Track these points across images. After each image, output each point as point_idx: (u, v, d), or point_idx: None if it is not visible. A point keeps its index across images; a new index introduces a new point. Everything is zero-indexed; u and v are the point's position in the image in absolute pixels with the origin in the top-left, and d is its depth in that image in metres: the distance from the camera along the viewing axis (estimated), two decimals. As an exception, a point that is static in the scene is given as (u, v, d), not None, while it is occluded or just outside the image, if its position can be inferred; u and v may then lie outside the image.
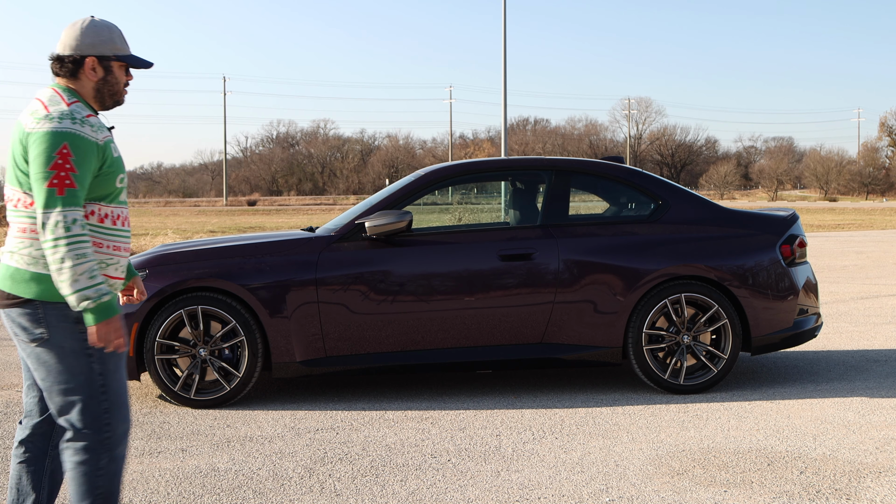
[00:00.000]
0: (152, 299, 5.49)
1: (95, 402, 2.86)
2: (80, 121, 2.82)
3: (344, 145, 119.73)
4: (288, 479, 4.17)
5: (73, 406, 2.86)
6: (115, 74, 3.01)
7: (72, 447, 2.88)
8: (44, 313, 2.84)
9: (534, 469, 4.29)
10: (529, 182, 6.47)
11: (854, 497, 3.85)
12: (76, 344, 2.85)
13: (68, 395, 2.85)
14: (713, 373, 5.77)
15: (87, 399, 2.86)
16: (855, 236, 25.19)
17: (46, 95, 2.88)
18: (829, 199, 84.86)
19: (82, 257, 2.74)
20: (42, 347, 2.85)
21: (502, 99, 28.32)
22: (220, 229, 30.73)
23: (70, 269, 2.72)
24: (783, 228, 6.08)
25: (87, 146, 2.80)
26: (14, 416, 5.40)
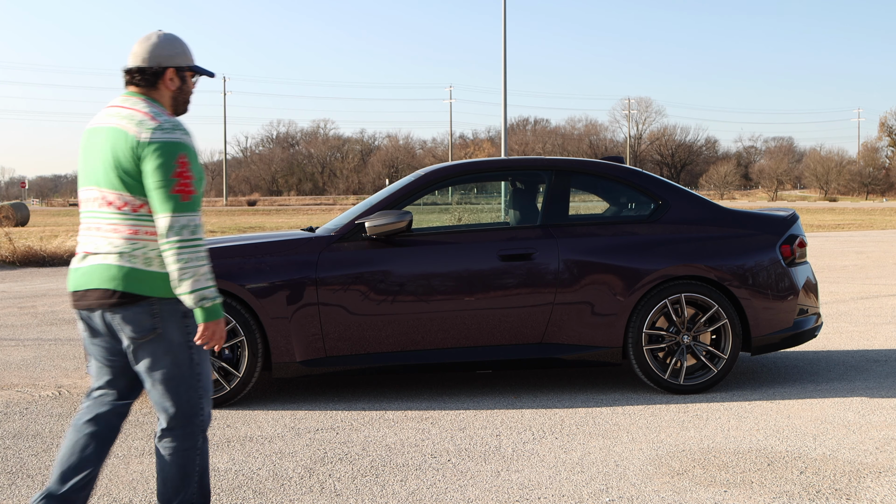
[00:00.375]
0: (152, 299, 5.48)
1: (193, 390, 3.13)
2: (184, 130, 3.09)
3: (344, 145, 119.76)
4: (288, 479, 4.17)
5: (175, 393, 3.11)
6: (188, 83, 3.27)
7: (171, 434, 3.15)
8: (158, 309, 3.06)
9: (534, 469, 4.29)
10: (529, 182, 6.47)
11: (854, 497, 3.85)
12: (182, 337, 3.10)
13: (171, 383, 3.11)
14: (713, 373, 5.77)
15: (187, 387, 3.12)
16: (855, 236, 25.19)
17: (140, 105, 3.10)
18: (829, 199, 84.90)
19: (202, 260, 3.01)
20: (153, 344, 3.08)
21: (502, 99, 28.33)
22: (220, 229, 30.73)
23: (192, 270, 2.98)
24: (783, 228, 6.08)
25: (195, 154, 3.08)
26: (14, 416, 5.40)
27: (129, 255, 3.04)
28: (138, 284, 3.03)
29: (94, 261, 3.08)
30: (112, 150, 3.04)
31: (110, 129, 3.07)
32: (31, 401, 5.82)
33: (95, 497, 3.93)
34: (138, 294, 3.03)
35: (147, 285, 3.04)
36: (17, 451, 4.66)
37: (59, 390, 6.13)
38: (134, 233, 3.05)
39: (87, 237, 3.12)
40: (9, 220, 36.94)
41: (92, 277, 3.08)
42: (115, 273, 3.03)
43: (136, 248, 3.04)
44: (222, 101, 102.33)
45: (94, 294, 3.07)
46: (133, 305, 3.04)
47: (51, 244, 18.81)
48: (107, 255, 3.06)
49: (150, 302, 3.05)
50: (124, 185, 3.03)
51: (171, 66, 3.19)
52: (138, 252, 3.05)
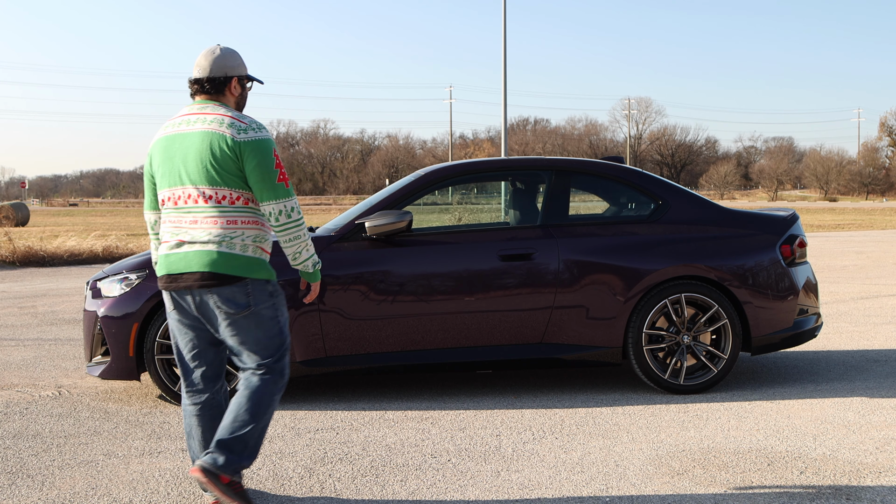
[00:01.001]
0: (152, 299, 5.49)
1: (279, 350, 3.64)
2: (266, 128, 3.57)
3: (344, 145, 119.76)
4: (288, 479, 4.17)
5: (264, 353, 3.60)
6: (245, 90, 3.75)
7: (256, 377, 3.61)
8: (252, 289, 3.54)
9: (534, 469, 4.29)
10: (529, 182, 6.47)
11: (854, 497, 3.85)
12: (270, 311, 3.60)
13: (261, 348, 3.59)
14: (713, 373, 5.77)
15: (275, 348, 3.63)
16: (855, 236, 25.19)
17: (221, 110, 3.57)
18: (829, 199, 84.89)
19: (307, 233, 3.62)
20: (247, 319, 3.55)
21: (502, 99, 28.32)
22: (220, 229, 30.71)
23: (305, 242, 3.61)
24: (783, 228, 6.07)
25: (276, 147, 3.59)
26: (14, 416, 5.40)
27: (228, 242, 3.50)
28: (235, 268, 3.49)
29: (193, 248, 3.50)
30: (209, 151, 3.47)
31: (202, 133, 3.50)
32: (31, 401, 5.82)
33: (95, 497, 3.93)
34: (235, 276, 3.49)
35: (242, 268, 3.51)
36: (17, 451, 4.66)
37: (59, 390, 6.13)
38: (233, 223, 3.51)
39: (181, 229, 3.54)
40: (9, 220, 36.93)
41: (191, 262, 3.49)
42: (215, 258, 3.48)
43: (234, 236, 3.51)
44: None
45: (193, 276, 3.50)
46: (230, 286, 3.49)
47: (51, 244, 18.81)
48: (206, 244, 3.49)
49: (245, 283, 3.52)
50: (223, 182, 3.48)
51: (234, 75, 3.66)
52: (236, 240, 3.51)
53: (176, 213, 3.56)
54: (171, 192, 3.57)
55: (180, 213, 3.55)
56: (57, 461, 4.48)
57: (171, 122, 3.63)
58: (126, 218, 48.16)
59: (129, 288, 5.57)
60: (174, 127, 3.59)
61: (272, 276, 3.62)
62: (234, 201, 3.51)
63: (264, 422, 3.62)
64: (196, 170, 3.49)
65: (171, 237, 3.56)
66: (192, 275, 3.50)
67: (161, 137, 3.62)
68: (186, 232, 3.52)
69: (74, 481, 4.16)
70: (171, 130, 3.59)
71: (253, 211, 3.56)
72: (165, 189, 3.59)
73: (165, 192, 3.59)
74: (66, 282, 14.04)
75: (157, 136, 3.67)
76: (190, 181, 3.51)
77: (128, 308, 5.51)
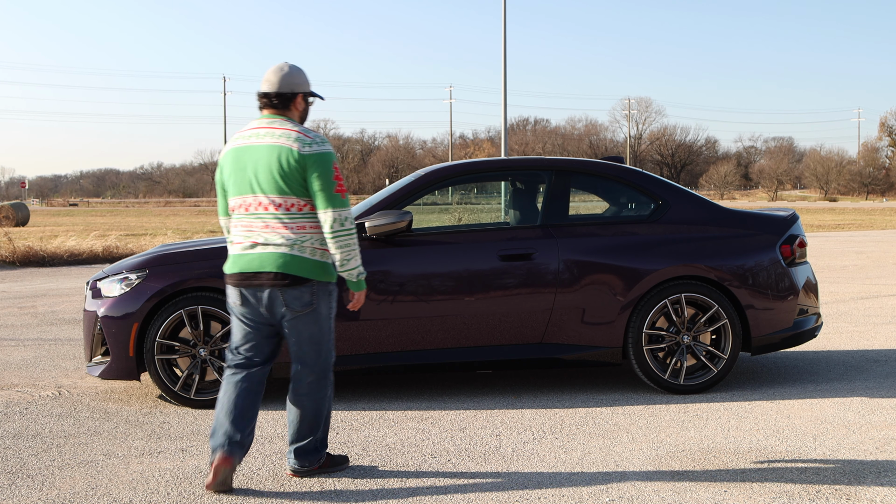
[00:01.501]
0: (152, 299, 5.49)
1: (328, 350, 4.04)
2: (328, 141, 3.92)
3: (344, 145, 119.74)
4: (288, 479, 4.16)
5: (317, 352, 4.00)
6: (308, 106, 4.07)
7: (310, 382, 4.03)
8: (316, 290, 3.91)
9: (534, 469, 4.29)
10: (529, 182, 6.47)
11: (854, 497, 3.85)
12: (327, 311, 3.99)
13: (315, 345, 3.98)
14: (713, 373, 5.77)
15: (325, 347, 4.02)
16: (855, 236, 25.19)
17: (288, 125, 3.91)
18: (829, 199, 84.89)
19: (357, 244, 3.92)
20: (308, 315, 3.93)
21: (502, 99, 28.32)
22: (220, 229, 30.73)
23: (355, 250, 3.91)
24: (783, 228, 6.07)
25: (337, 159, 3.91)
26: (14, 416, 5.40)
27: (299, 246, 3.86)
28: (304, 270, 3.86)
29: (266, 249, 3.86)
30: (277, 163, 3.83)
31: (270, 147, 3.85)
32: (31, 401, 5.82)
33: (95, 497, 3.94)
34: (304, 277, 3.86)
35: (310, 270, 3.88)
36: (17, 451, 4.66)
37: (59, 390, 6.13)
38: (301, 228, 3.87)
39: (253, 232, 3.89)
40: (9, 220, 36.93)
41: (265, 262, 3.85)
42: (288, 260, 3.84)
43: (304, 240, 3.87)
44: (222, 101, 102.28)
45: (266, 276, 3.85)
46: (299, 286, 3.87)
47: (51, 244, 18.81)
48: (279, 246, 3.85)
49: (311, 283, 3.89)
50: (290, 191, 3.84)
51: (300, 91, 3.98)
52: (306, 244, 3.88)
53: (248, 218, 3.91)
54: (242, 200, 3.92)
55: (251, 218, 3.90)
56: (57, 461, 4.48)
57: (241, 135, 3.97)
58: (126, 218, 48.17)
59: (129, 288, 5.57)
60: (244, 139, 3.93)
61: (333, 279, 3.99)
62: (301, 208, 3.87)
63: (325, 413, 4.09)
64: (266, 180, 3.85)
65: (245, 239, 3.92)
66: (266, 274, 3.85)
67: (232, 149, 3.96)
68: (259, 234, 3.88)
69: (74, 481, 4.16)
70: (241, 143, 3.93)
71: (315, 217, 3.91)
72: (237, 196, 3.93)
73: (237, 199, 3.94)
74: (66, 282, 14.04)
75: (227, 147, 4.01)
76: (261, 190, 3.86)
77: (128, 308, 5.51)
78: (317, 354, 4.01)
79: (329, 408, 4.12)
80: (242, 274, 3.90)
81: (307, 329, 3.95)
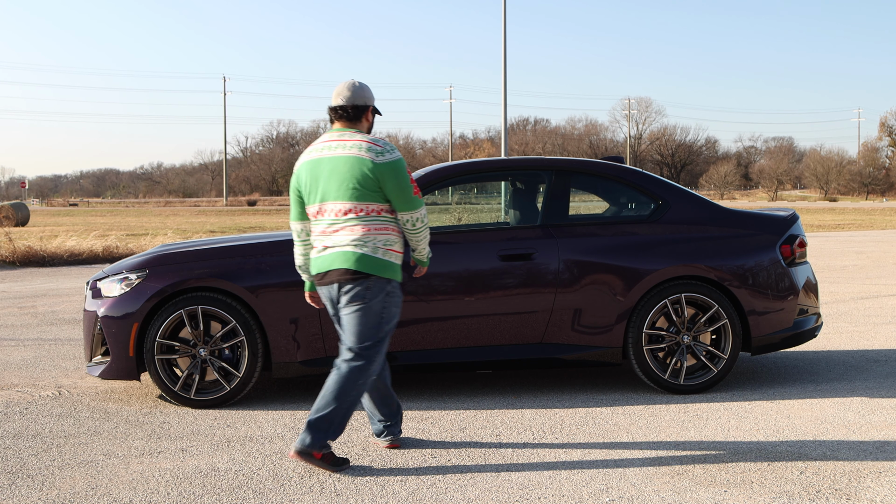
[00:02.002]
0: (152, 299, 5.49)
1: (373, 339, 4.25)
2: (396, 149, 4.25)
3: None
4: (288, 479, 4.17)
5: (365, 342, 4.23)
6: (373, 118, 4.46)
7: (345, 363, 4.24)
8: (372, 285, 4.20)
9: (534, 469, 4.29)
10: (529, 182, 6.46)
11: (854, 497, 3.85)
12: (378, 307, 4.23)
13: (364, 336, 4.24)
14: (713, 373, 5.77)
15: (374, 338, 4.25)
16: (855, 236, 25.20)
17: (358, 136, 4.25)
18: (829, 199, 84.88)
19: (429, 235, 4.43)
20: (363, 309, 4.20)
21: (502, 99, 28.33)
22: (220, 229, 30.72)
23: (428, 240, 4.41)
24: (783, 228, 6.07)
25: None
26: (14, 416, 5.40)
27: (362, 245, 4.17)
28: (363, 266, 4.16)
29: (334, 250, 4.20)
30: (351, 173, 4.16)
31: (346, 158, 4.19)
32: (31, 401, 5.82)
33: (95, 497, 3.94)
34: (364, 273, 4.16)
35: (369, 267, 4.17)
36: (17, 451, 4.66)
37: (59, 390, 6.13)
38: (367, 230, 4.19)
39: (326, 236, 4.24)
40: (9, 220, 36.94)
41: (332, 261, 4.21)
42: (350, 257, 4.17)
43: (368, 240, 4.18)
44: (222, 101, 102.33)
45: (335, 273, 4.20)
46: (356, 281, 4.18)
47: (51, 244, 18.81)
48: (344, 246, 4.19)
49: (369, 279, 4.19)
50: (363, 198, 4.17)
51: (370, 105, 4.36)
52: (369, 244, 4.18)
53: (321, 224, 4.26)
54: (318, 207, 4.25)
55: (324, 224, 4.25)
56: (57, 461, 4.48)
57: (315, 147, 4.31)
58: (126, 218, 48.17)
59: (129, 288, 5.57)
60: (318, 152, 4.28)
61: (396, 277, 4.26)
62: (370, 213, 4.20)
63: (348, 402, 4.21)
64: (339, 189, 4.18)
65: (319, 244, 4.28)
66: (334, 272, 4.21)
67: (307, 161, 4.30)
68: (330, 238, 4.23)
69: (74, 481, 4.16)
70: (316, 155, 4.28)
71: (386, 220, 4.24)
72: (313, 204, 4.27)
73: (314, 206, 4.27)
74: (66, 282, 14.04)
75: (303, 158, 4.34)
76: (334, 198, 4.20)
77: (128, 308, 5.51)
78: (362, 341, 4.23)
79: (354, 402, 4.24)
80: (318, 274, 4.29)
81: (355, 323, 4.23)
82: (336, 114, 4.31)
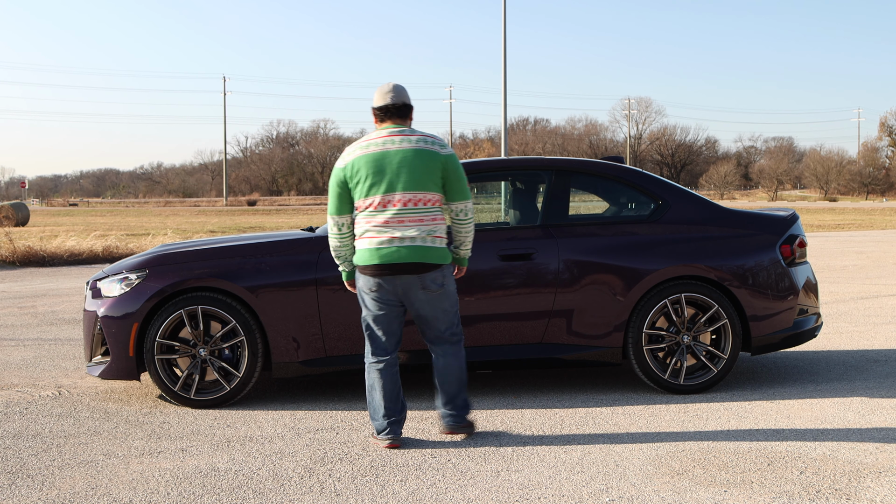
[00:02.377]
0: (152, 299, 5.49)
1: (458, 317, 4.76)
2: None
3: (344, 145, 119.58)
4: (288, 479, 4.17)
5: (452, 321, 4.71)
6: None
7: (453, 345, 4.75)
8: (447, 272, 4.63)
9: (534, 469, 4.29)
10: (529, 182, 6.46)
11: (854, 497, 3.85)
12: (452, 288, 4.68)
13: (449, 317, 4.69)
14: (713, 373, 5.77)
15: (456, 316, 4.74)
16: (855, 236, 25.20)
17: (416, 132, 4.58)
18: (829, 199, 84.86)
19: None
20: (441, 294, 4.61)
21: (502, 99, 28.32)
22: (220, 229, 30.73)
23: (473, 234, 4.76)
24: (783, 228, 6.07)
25: None
26: (14, 416, 5.40)
27: (431, 237, 4.51)
28: (437, 257, 4.53)
29: (404, 243, 4.45)
30: (424, 165, 4.47)
31: (416, 151, 4.49)
32: (31, 401, 5.82)
33: (95, 497, 3.94)
34: (438, 263, 4.54)
35: (440, 257, 4.55)
36: (17, 451, 4.66)
37: (59, 390, 6.13)
38: (433, 220, 4.52)
39: (390, 226, 4.47)
40: (9, 220, 36.93)
41: (405, 254, 4.46)
42: (425, 251, 4.49)
43: (436, 231, 4.53)
44: (222, 101, 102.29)
45: (409, 266, 4.47)
46: (435, 270, 4.55)
47: (51, 244, 18.81)
48: (414, 239, 4.46)
49: (444, 268, 4.59)
50: (426, 188, 4.49)
51: (412, 105, 4.68)
52: (438, 234, 4.54)
53: (384, 214, 4.47)
54: (382, 198, 4.47)
55: (388, 214, 4.46)
56: (57, 461, 4.48)
57: (373, 142, 4.52)
58: (126, 218, 48.17)
59: (129, 288, 5.57)
60: (378, 146, 4.50)
61: (450, 260, 4.65)
62: (435, 203, 4.54)
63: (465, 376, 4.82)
64: (408, 179, 4.45)
65: (381, 234, 4.48)
66: (408, 265, 4.47)
67: (367, 154, 4.49)
68: (398, 229, 4.46)
69: (74, 481, 4.16)
70: (376, 149, 4.50)
71: (440, 210, 4.58)
72: (376, 196, 4.47)
73: (376, 198, 4.47)
74: (66, 282, 14.04)
75: (357, 153, 4.52)
76: (403, 189, 4.45)
77: (128, 308, 5.51)
78: (452, 322, 4.70)
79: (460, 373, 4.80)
80: (383, 266, 4.48)
81: (442, 304, 4.62)
82: (389, 112, 4.58)
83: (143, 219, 46.24)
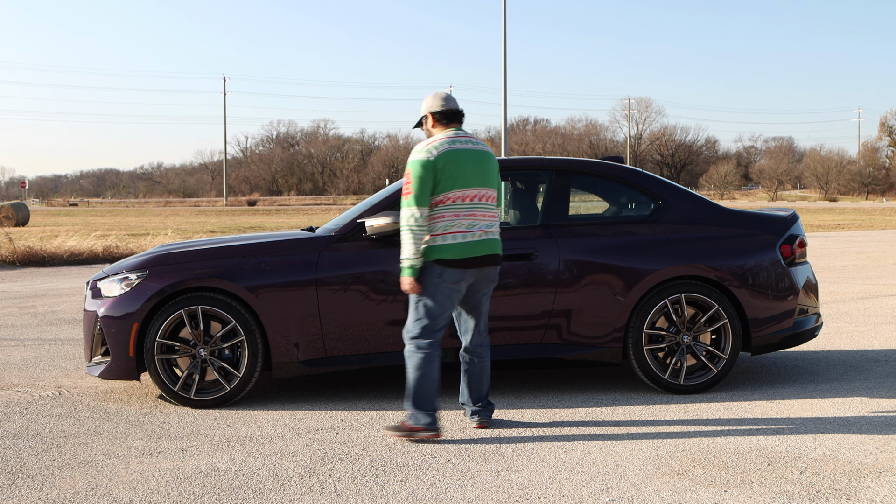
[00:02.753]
0: (152, 299, 5.49)
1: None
2: None
3: (344, 145, 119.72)
4: (288, 479, 4.17)
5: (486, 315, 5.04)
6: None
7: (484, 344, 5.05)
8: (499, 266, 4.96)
9: (534, 469, 4.29)
10: (529, 182, 6.46)
11: (854, 497, 3.85)
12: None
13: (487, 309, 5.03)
14: (713, 373, 5.77)
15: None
16: (855, 236, 25.20)
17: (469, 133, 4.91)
18: (829, 199, 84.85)
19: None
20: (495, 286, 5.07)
21: (502, 99, 28.33)
22: (220, 229, 30.73)
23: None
24: (783, 228, 6.07)
25: None
26: (14, 416, 5.40)
27: (499, 232, 4.91)
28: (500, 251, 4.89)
29: (488, 236, 4.80)
30: (493, 165, 4.91)
31: (485, 152, 4.90)
32: (31, 401, 5.82)
33: (95, 497, 3.94)
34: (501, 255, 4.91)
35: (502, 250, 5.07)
36: (17, 451, 4.66)
37: (59, 390, 6.13)
38: (494, 216, 4.88)
39: (477, 220, 4.77)
40: (9, 220, 36.93)
41: (490, 247, 4.80)
42: (500, 243, 4.89)
43: (498, 225, 4.91)
44: (222, 101, 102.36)
45: (493, 258, 4.82)
46: (498, 264, 4.88)
47: (51, 244, 18.81)
48: (494, 232, 4.85)
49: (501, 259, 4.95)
50: (497, 186, 4.92)
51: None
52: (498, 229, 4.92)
53: (481, 208, 4.79)
54: (477, 192, 4.77)
55: (476, 208, 4.77)
56: (57, 461, 4.48)
57: (458, 140, 4.80)
58: (126, 218, 48.18)
59: (129, 288, 5.57)
60: (462, 144, 4.80)
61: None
62: (493, 199, 4.88)
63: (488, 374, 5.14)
64: (488, 178, 4.84)
65: (469, 227, 4.74)
66: (493, 256, 4.81)
67: (461, 150, 4.76)
68: (486, 222, 4.80)
69: (74, 481, 4.16)
70: (465, 146, 4.80)
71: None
72: (472, 188, 4.75)
73: (473, 190, 4.75)
74: (66, 282, 14.04)
75: (447, 148, 4.72)
76: (482, 185, 4.80)
77: (128, 308, 5.51)
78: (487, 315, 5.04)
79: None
80: (472, 258, 4.72)
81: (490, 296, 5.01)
82: (456, 116, 4.90)
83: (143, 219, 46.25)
